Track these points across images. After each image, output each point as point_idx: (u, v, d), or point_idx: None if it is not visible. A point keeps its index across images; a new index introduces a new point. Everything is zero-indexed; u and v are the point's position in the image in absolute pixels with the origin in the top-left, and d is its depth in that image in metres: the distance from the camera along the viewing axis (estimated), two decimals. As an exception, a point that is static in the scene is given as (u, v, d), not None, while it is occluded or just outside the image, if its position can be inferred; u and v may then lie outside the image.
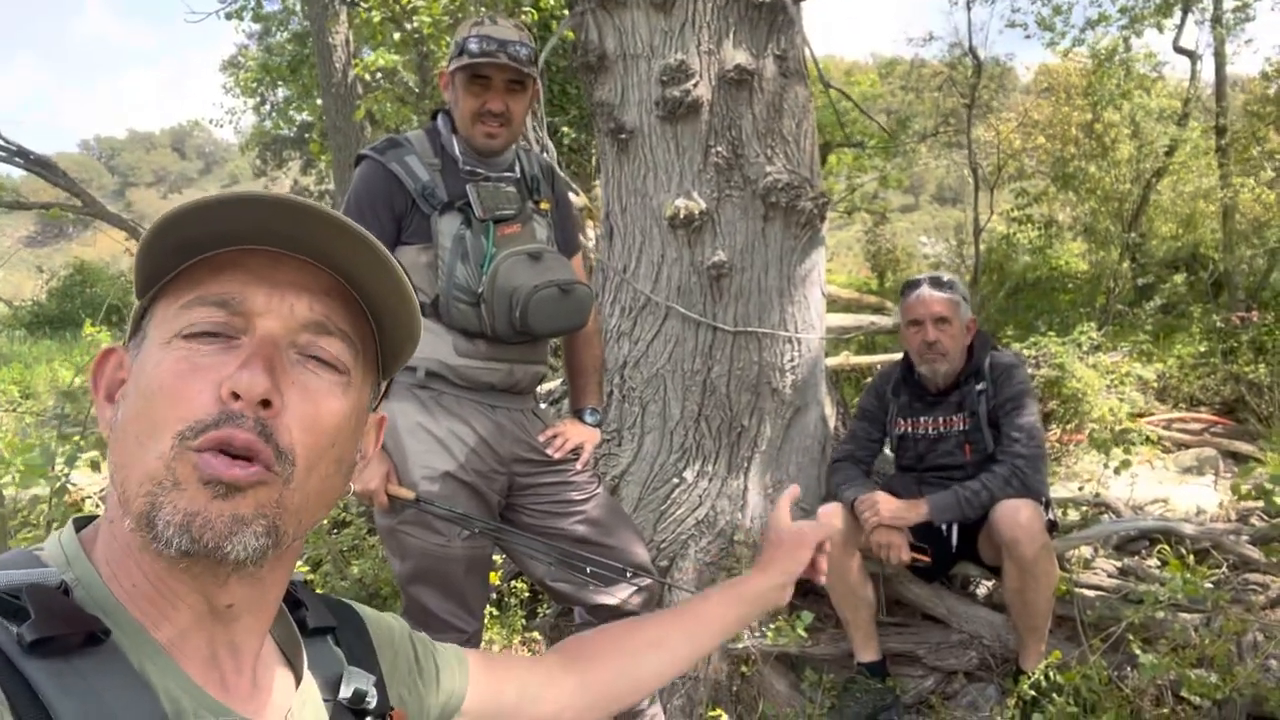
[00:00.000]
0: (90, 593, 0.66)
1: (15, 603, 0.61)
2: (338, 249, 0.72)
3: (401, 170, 2.10)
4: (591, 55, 3.14)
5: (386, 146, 2.16)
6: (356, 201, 2.12)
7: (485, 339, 2.15)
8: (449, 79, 2.18)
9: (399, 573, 2.20)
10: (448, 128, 2.20)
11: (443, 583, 2.16)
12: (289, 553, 0.75)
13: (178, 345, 0.69)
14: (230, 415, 0.66)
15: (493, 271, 2.09)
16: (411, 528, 2.14)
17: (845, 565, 2.76)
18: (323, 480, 0.72)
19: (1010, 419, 2.74)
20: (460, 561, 2.16)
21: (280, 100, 15.13)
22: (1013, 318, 8.67)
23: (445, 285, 2.09)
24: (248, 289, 0.70)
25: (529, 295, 2.08)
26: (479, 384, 2.18)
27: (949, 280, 2.87)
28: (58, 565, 0.68)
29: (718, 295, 3.08)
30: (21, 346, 13.79)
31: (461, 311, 2.11)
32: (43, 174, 6.15)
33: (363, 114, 7.27)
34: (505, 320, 2.10)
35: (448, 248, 2.09)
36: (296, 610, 0.85)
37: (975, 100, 9.36)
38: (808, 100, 3.23)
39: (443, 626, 2.17)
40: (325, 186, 19.28)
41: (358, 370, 0.76)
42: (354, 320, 0.75)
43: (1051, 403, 5.75)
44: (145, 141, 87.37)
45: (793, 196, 3.04)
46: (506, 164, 2.24)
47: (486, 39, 2.07)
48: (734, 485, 3.16)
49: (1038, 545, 2.48)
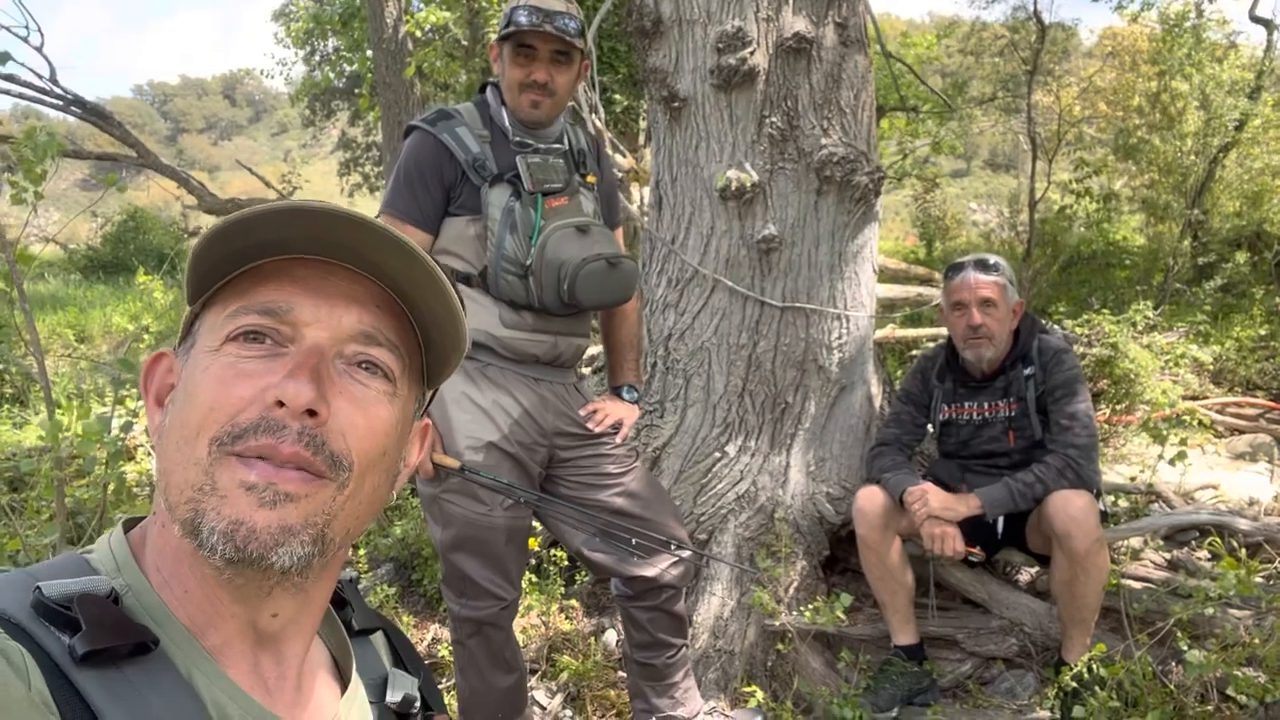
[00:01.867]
0: (140, 599, 0.67)
1: (67, 613, 0.61)
2: (388, 261, 0.71)
3: (452, 141, 2.10)
4: (646, 19, 3.07)
5: (437, 118, 2.15)
6: (406, 172, 2.11)
7: (532, 311, 2.16)
8: (497, 50, 2.16)
9: (440, 540, 2.22)
10: (497, 100, 2.19)
11: (484, 551, 2.19)
12: (335, 560, 0.75)
13: (225, 351, 0.68)
14: (273, 424, 0.65)
15: (541, 243, 2.09)
16: (455, 496, 2.16)
17: (885, 548, 2.73)
18: (374, 489, 0.72)
19: (1061, 406, 2.67)
20: (501, 530, 2.19)
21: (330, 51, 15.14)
22: (1065, 293, 8.45)
23: (494, 257, 2.10)
24: (296, 298, 0.70)
25: (577, 268, 2.08)
26: (524, 356, 2.20)
27: (995, 262, 2.79)
28: (107, 571, 0.68)
29: (766, 269, 3.03)
30: (77, 290, 14.14)
31: (509, 283, 2.11)
32: (98, 123, 6.21)
33: (412, 71, 7.24)
34: (553, 292, 2.11)
35: (497, 219, 2.09)
36: (342, 609, 0.85)
37: (1037, 67, 9.05)
38: (868, 70, 3.14)
39: (481, 594, 2.20)
40: (373, 138, 19.33)
41: (404, 381, 0.76)
42: (401, 332, 0.75)
43: (1102, 382, 5.62)
44: (197, 88, 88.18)
45: (848, 170, 2.97)
46: (554, 136, 2.23)
47: (534, 10, 2.06)
48: (776, 462, 3.14)
49: (1091, 539, 2.43)
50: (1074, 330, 6.03)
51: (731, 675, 2.81)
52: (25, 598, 0.62)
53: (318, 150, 52.62)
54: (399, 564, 3.54)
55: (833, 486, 3.15)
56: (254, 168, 10.61)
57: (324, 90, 16.79)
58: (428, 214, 2.11)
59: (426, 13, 6.84)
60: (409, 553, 3.52)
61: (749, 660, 2.87)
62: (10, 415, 5.76)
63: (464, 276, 2.14)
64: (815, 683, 2.80)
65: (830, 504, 3.11)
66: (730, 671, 2.82)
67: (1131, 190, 10.34)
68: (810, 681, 2.80)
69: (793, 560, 2.99)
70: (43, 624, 0.61)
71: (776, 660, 2.89)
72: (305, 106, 19.70)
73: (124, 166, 7.16)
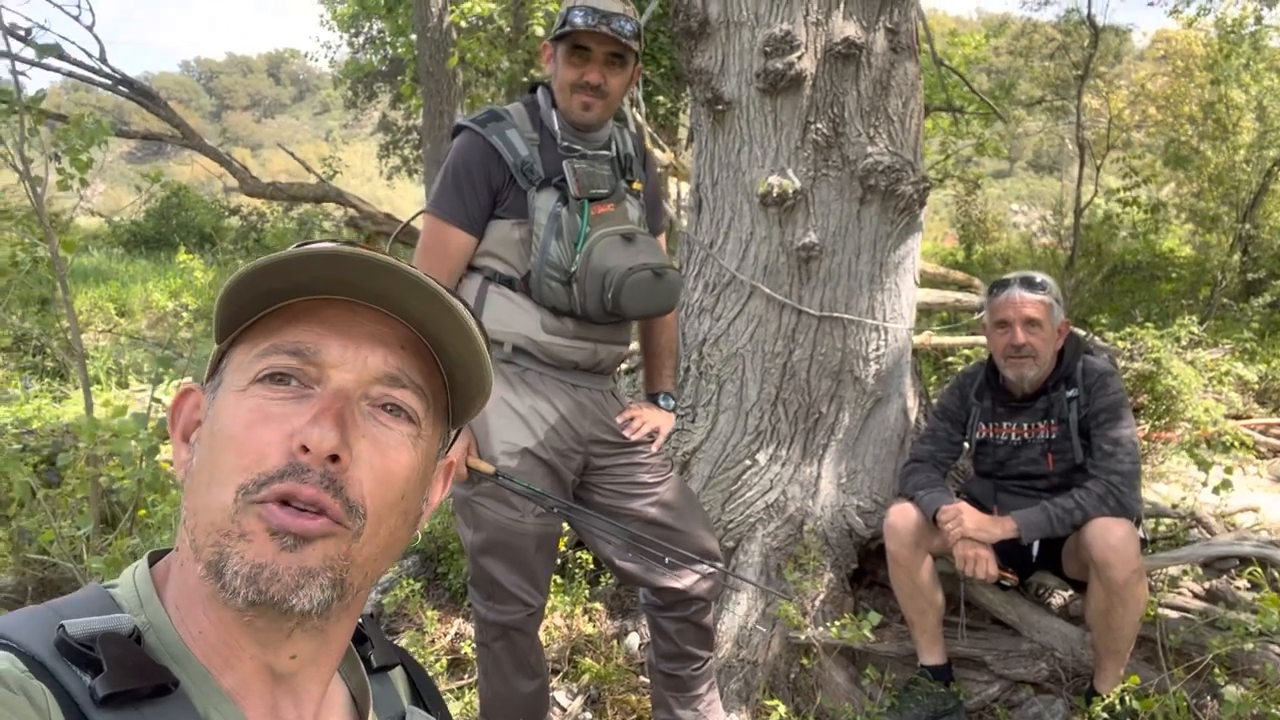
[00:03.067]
0: (161, 638, 0.67)
1: (89, 653, 0.61)
2: (413, 302, 0.72)
3: (501, 143, 2.08)
4: (693, 20, 3.03)
5: (487, 119, 2.13)
6: (454, 172, 2.09)
7: (573, 317, 2.14)
8: (550, 50, 2.13)
9: (470, 542, 2.22)
10: (547, 102, 2.16)
11: (513, 556, 2.18)
12: (355, 603, 0.75)
13: (252, 393, 0.69)
14: (297, 468, 0.66)
15: (586, 251, 2.06)
16: (487, 500, 2.15)
17: (915, 566, 2.69)
18: (390, 533, 0.73)
19: (1105, 431, 2.61)
20: (531, 537, 2.18)
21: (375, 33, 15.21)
22: (1108, 303, 8.30)
23: (538, 262, 2.08)
24: (323, 339, 0.71)
25: (623, 277, 2.06)
26: (563, 362, 2.18)
27: (1041, 281, 2.72)
28: (130, 607, 0.68)
29: (805, 277, 2.99)
30: (119, 264, 14.37)
31: (552, 289, 2.09)
32: (145, 103, 6.29)
33: (455, 61, 7.24)
34: (596, 300, 2.09)
35: (543, 224, 2.07)
36: (361, 645, 0.85)
37: (1089, 71, 8.86)
38: (917, 78, 3.08)
39: (508, 599, 2.20)
40: (413, 121, 19.41)
41: (428, 422, 0.76)
42: (427, 372, 0.76)
43: (1143, 398, 5.51)
44: (242, 65, 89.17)
45: (893, 180, 2.91)
46: (602, 141, 2.20)
47: (590, 11, 2.02)
48: (807, 472, 3.10)
49: (1130, 569, 2.37)
50: (1115, 343, 5.92)
51: (754, 687, 2.78)
52: (49, 635, 0.62)
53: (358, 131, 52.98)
54: (425, 557, 3.55)
55: (864, 500, 3.10)
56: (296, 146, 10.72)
57: (366, 73, 16.89)
58: (474, 216, 2.09)
59: (472, 3, 6.85)
60: (435, 546, 3.53)
61: (772, 672, 2.84)
62: (50, 390, 5.86)
63: (506, 279, 2.13)
64: (839, 699, 2.77)
65: (860, 517, 3.07)
66: (753, 683, 2.80)
67: (1179, 199, 10.12)
68: (834, 697, 2.77)
69: (820, 573, 2.96)
70: (65, 663, 0.61)
71: (800, 674, 2.87)
72: (348, 88, 19.84)
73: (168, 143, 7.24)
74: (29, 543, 2.55)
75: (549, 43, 2.14)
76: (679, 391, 3.19)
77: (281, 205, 14.54)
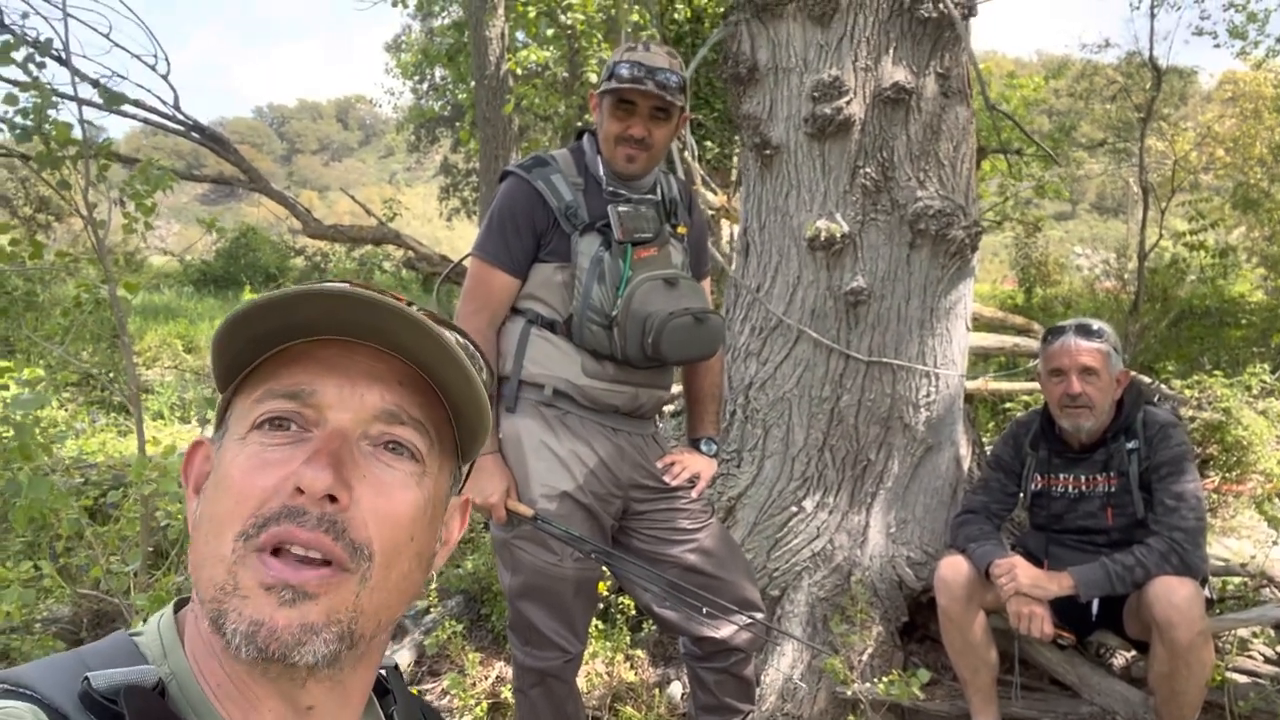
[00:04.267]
0: (184, 689, 0.66)
1: (112, 707, 0.61)
2: (406, 338, 0.70)
3: (546, 189, 2.11)
4: (742, 67, 3.05)
5: (533, 164, 2.17)
6: (500, 216, 2.13)
7: (614, 361, 2.14)
8: (596, 101, 2.16)
9: (509, 585, 2.21)
10: (593, 149, 2.19)
11: (552, 601, 2.17)
12: (372, 649, 0.73)
13: (250, 440, 0.68)
14: (293, 511, 0.64)
15: (628, 295, 2.07)
16: (526, 543, 2.15)
17: (967, 622, 2.60)
18: (403, 577, 0.70)
19: (1168, 485, 2.50)
20: (570, 582, 2.17)
21: (437, 80, 15.65)
22: (1175, 350, 8.04)
23: (580, 305, 2.09)
24: (318, 380, 0.69)
25: (663, 322, 2.06)
26: (603, 406, 2.18)
27: (1099, 328, 2.63)
28: (154, 656, 0.68)
29: (853, 322, 2.95)
30: (189, 302, 14.88)
31: (593, 333, 2.10)
32: (214, 148, 6.53)
33: (511, 107, 7.40)
34: (636, 345, 2.09)
35: (585, 268, 2.09)
36: (384, 696, 0.83)
37: (1151, 113, 8.70)
38: (969, 122, 3.05)
39: (546, 644, 2.18)
40: (472, 165, 19.85)
41: (433, 459, 0.74)
42: (428, 408, 0.74)
43: (1212, 448, 5.30)
44: (312, 111, 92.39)
45: (943, 224, 2.88)
46: (648, 187, 2.22)
47: (636, 65, 2.05)
48: (855, 520, 3.03)
49: (1194, 631, 2.26)
50: (1183, 391, 5.72)
51: (798, 742, 2.70)
52: (73, 686, 0.62)
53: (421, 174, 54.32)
54: (469, 598, 3.54)
55: (914, 550, 3.02)
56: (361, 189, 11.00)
57: (429, 119, 17.36)
58: (517, 259, 2.12)
59: (527, 52, 7.02)
60: (479, 587, 3.52)
61: (817, 728, 2.76)
62: (115, 424, 6.05)
63: (549, 322, 2.14)
64: (887, 758, 2.67)
65: (911, 568, 2.99)
66: (797, 738, 2.72)
67: (1250, 243, 9.81)
68: (881, 756, 2.68)
69: (868, 625, 2.87)
70: (88, 716, 0.60)
71: (847, 730, 2.77)
72: (411, 133, 20.42)
73: (238, 187, 7.50)
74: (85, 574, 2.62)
75: (595, 94, 2.18)
76: (724, 436, 3.16)
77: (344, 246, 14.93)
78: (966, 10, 2.98)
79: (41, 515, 1.86)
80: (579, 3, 6.23)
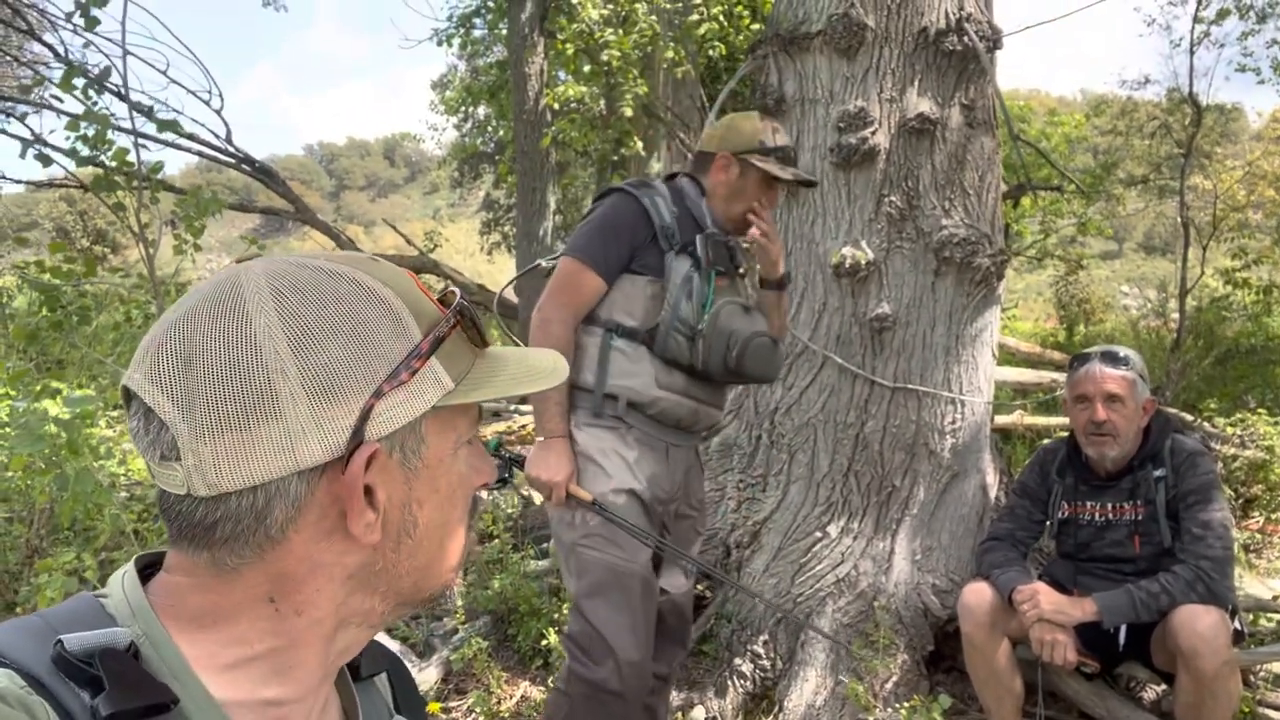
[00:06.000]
0: (159, 651, 0.64)
1: (89, 670, 0.59)
2: None
3: (651, 206, 2.25)
4: (770, 98, 3.12)
5: (640, 184, 2.32)
6: (604, 223, 2.25)
7: (686, 374, 2.26)
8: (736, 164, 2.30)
9: (576, 589, 2.24)
10: (696, 193, 2.35)
11: (619, 600, 2.19)
12: None
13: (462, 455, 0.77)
14: None
15: (715, 313, 2.22)
16: (595, 540, 2.21)
17: (991, 649, 2.58)
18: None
19: (1194, 513, 2.48)
20: (638, 578, 2.21)
21: (481, 117, 15.99)
22: (1219, 388, 7.88)
23: (669, 317, 2.22)
24: None
25: (748, 340, 2.23)
26: (668, 418, 2.29)
27: (1125, 356, 2.63)
28: (123, 618, 0.66)
29: (879, 348, 2.98)
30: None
31: (677, 342, 2.23)
32: (264, 180, 6.76)
33: (549, 141, 7.57)
34: (719, 358, 2.23)
35: (677, 284, 2.22)
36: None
37: (1192, 150, 8.61)
38: (994, 152, 3.08)
39: (605, 654, 2.14)
40: (513, 200, 20.16)
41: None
42: None
43: (1256, 488, 5.18)
44: (360, 148, 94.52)
45: (969, 252, 2.90)
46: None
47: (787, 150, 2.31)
48: (879, 546, 3.03)
49: (1220, 660, 2.22)
50: (1226, 429, 5.61)
51: (820, 769, 2.69)
52: (44, 650, 0.60)
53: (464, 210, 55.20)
54: (497, 617, 3.58)
55: (939, 578, 3.01)
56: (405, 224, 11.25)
57: (472, 154, 17.70)
58: (611, 266, 2.25)
59: (565, 87, 7.20)
60: (506, 607, 3.55)
61: (840, 755, 2.74)
62: (162, 444, 6.20)
63: (629, 331, 2.26)
64: (909, 787, 2.65)
65: (936, 596, 2.97)
66: (819, 764, 2.70)
67: (1299, 280, 9.61)
68: (904, 785, 2.65)
69: (893, 652, 2.86)
70: (63, 680, 0.59)
71: (870, 758, 2.75)
72: (454, 169, 20.81)
73: (286, 220, 7.73)
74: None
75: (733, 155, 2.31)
76: (748, 460, 3.19)
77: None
78: (992, 44, 3.03)
79: (86, 513, 1.94)
80: (616, 40, 6.40)
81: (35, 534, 2.66)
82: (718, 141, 2.34)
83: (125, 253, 20.55)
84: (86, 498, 1.92)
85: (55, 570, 1.97)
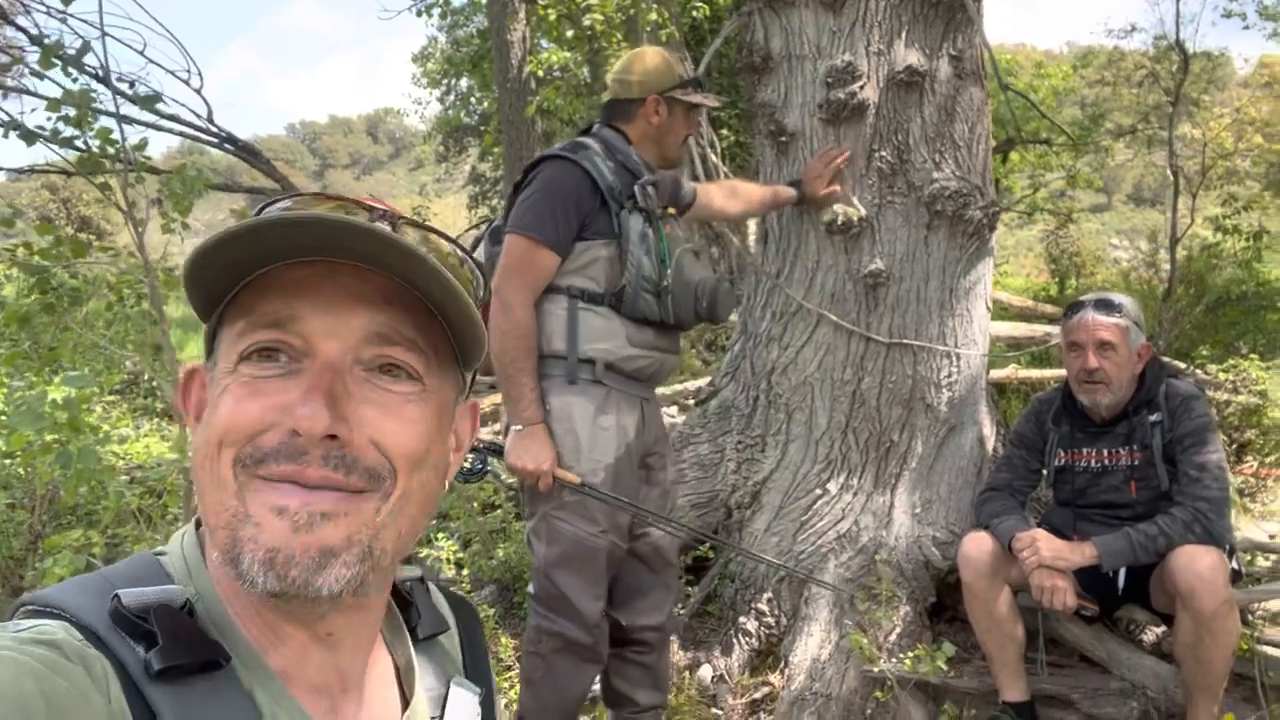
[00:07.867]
0: (210, 610, 0.66)
1: (144, 625, 0.60)
2: (387, 255, 0.66)
3: (593, 169, 2.23)
4: (756, 56, 3.09)
5: (576, 148, 2.27)
6: (549, 195, 2.21)
7: (654, 328, 2.29)
8: (664, 104, 2.31)
9: (543, 556, 2.29)
10: (622, 141, 2.32)
11: (587, 571, 2.27)
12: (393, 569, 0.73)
13: (241, 372, 0.66)
14: (295, 450, 0.63)
15: (676, 265, 2.25)
16: (567, 514, 2.25)
17: (992, 598, 2.61)
18: (424, 487, 0.70)
19: (1190, 456, 2.50)
20: (603, 552, 2.28)
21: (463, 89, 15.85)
22: (1210, 336, 7.91)
23: (633, 277, 2.22)
24: (301, 306, 0.66)
25: (714, 288, 2.28)
26: (640, 373, 2.32)
27: (1119, 303, 2.63)
28: (179, 576, 0.67)
29: (873, 304, 2.98)
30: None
31: (647, 302, 2.25)
32: (247, 159, 6.69)
33: (533, 110, 7.50)
34: (689, 309, 2.28)
35: (635, 242, 2.23)
36: (407, 609, 0.82)
37: (1180, 98, 8.58)
38: (983, 103, 3.06)
39: (573, 614, 2.26)
40: (500, 173, 20.03)
41: (432, 374, 0.71)
42: (420, 322, 0.70)
43: (1249, 433, 5.23)
44: (343, 126, 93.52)
45: (960, 205, 2.90)
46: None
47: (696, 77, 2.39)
48: (879, 501, 3.06)
49: (1218, 599, 2.26)
50: (1218, 376, 5.65)
51: (827, 720, 2.73)
52: (103, 605, 0.61)
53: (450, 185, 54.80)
54: (502, 586, 3.61)
55: (939, 530, 3.04)
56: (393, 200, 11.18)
57: (456, 128, 17.55)
58: (564, 239, 2.22)
59: (549, 54, 7.12)
60: (511, 575, 3.58)
61: (846, 706, 2.78)
62: (159, 429, 6.21)
63: (594, 296, 2.25)
64: (915, 734, 2.69)
65: (937, 548, 3.00)
66: (826, 716, 2.74)
67: (1289, 226, 9.63)
68: (910, 733, 2.69)
69: (895, 605, 2.89)
70: (119, 634, 0.60)
71: (876, 708, 2.79)
72: (439, 143, 20.64)
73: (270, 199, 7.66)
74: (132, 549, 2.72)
75: (660, 97, 2.31)
76: (746, 421, 3.21)
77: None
78: (978, -8, 3.00)
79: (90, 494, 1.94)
80: (599, 3, 6.32)
81: (38, 519, 2.68)
82: (638, 86, 2.32)
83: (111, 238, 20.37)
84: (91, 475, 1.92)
85: (63, 548, 1.98)
